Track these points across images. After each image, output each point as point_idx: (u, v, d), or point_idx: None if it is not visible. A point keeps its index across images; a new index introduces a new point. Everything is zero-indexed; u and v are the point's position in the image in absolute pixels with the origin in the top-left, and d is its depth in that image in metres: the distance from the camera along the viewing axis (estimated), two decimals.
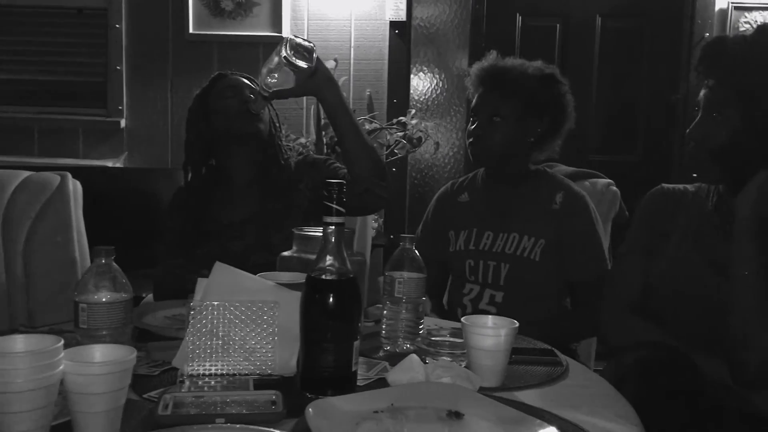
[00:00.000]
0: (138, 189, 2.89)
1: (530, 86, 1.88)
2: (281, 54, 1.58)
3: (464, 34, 3.47)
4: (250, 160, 1.96)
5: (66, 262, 2.17)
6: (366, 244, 2.26)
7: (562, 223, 1.85)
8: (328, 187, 1.11)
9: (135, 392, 1.05)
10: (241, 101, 1.90)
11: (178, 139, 3.34)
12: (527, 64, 1.92)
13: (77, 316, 1.14)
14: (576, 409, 1.08)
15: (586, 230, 1.86)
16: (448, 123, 3.47)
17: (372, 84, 3.29)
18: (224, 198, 1.94)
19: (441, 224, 2.00)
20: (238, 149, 1.95)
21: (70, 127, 3.36)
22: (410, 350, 1.32)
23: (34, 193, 2.18)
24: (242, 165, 1.96)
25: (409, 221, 3.28)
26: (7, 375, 0.84)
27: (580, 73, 3.72)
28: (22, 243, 2.16)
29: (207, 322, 1.18)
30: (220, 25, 3.26)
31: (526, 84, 1.88)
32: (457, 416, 1.01)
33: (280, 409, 1.01)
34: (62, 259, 2.17)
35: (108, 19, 3.31)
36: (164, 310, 1.54)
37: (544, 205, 1.88)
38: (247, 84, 1.95)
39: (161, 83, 3.34)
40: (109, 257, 1.17)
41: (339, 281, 1.10)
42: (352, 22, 3.27)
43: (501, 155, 1.90)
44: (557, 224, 1.85)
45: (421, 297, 1.39)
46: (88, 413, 0.91)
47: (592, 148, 3.76)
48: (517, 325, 1.20)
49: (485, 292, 1.89)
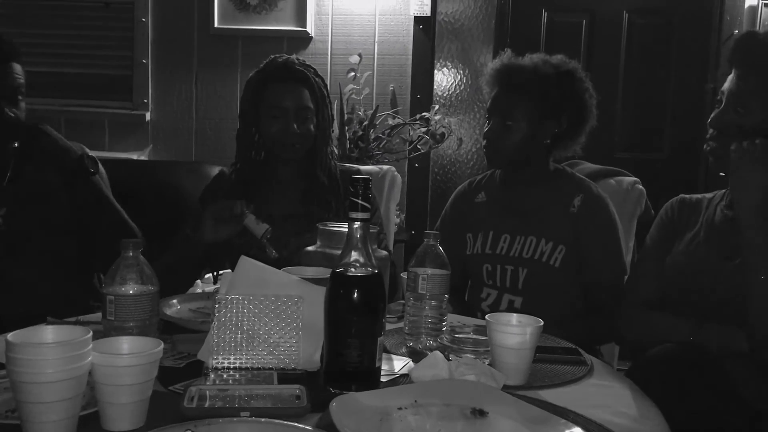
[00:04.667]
0: (162, 182, 2.90)
1: (544, 86, 1.82)
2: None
3: (489, 29, 3.45)
4: (296, 164, 1.93)
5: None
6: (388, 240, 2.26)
7: (581, 228, 1.81)
8: (353, 183, 1.11)
9: (161, 384, 1.06)
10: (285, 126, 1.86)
11: (202, 133, 3.37)
12: (544, 62, 1.87)
13: (105, 308, 1.16)
14: (601, 409, 1.07)
15: (604, 235, 1.83)
16: (472, 119, 3.45)
17: (395, 79, 3.28)
18: (266, 192, 1.92)
19: (458, 225, 1.98)
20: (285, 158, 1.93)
21: (96, 119, 3.40)
22: (433, 347, 1.32)
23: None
24: (287, 166, 1.93)
25: (430, 217, 3.27)
26: (37, 365, 0.85)
27: (606, 70, 3.68)
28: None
29: (232, 316, 1.18)
30: (245, 19, 3.27)
31: (540, 84, 1.82)
32: (481, 414, 1.01)
33: (304, 403, 1.01)
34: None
35: (135, 13, 3.33)
36: (188, 302, 1.56)
37: (562, 208, 1.84)
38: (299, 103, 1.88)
39: (186, 77, 3.36)
40: (137, 250, 1.18)
41: (364, 277, 1.10)
42: (376, 17, 3.26)
43: (514, 159, 1.87)
44: (575, 228, 1.82)
45: (445, 294, 1.39)
46: (116, 404, 0.92)
47: (618, 145, 3.72)
48: (542, 324, 1.19)
49: (503, 297, 1.87)
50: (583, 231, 1.81)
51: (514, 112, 1.83)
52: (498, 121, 1.85)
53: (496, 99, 1.88)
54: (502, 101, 1.86)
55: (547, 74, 1.84)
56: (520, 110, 1.83)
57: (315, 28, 3.27)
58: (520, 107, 1.83)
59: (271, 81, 1.89)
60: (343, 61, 3.19)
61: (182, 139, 3.39)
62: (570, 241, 1.81)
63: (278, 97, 1.87)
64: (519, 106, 1.83)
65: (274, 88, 1.88)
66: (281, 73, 1.89)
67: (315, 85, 1.91)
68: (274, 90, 1.88)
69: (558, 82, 1.84)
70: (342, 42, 3.28)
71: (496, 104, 1.87)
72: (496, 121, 1.86)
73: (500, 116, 1.85)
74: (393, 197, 2.33)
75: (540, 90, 1.82)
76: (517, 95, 1.83)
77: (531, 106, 1.83)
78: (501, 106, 1.86)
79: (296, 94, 1.87)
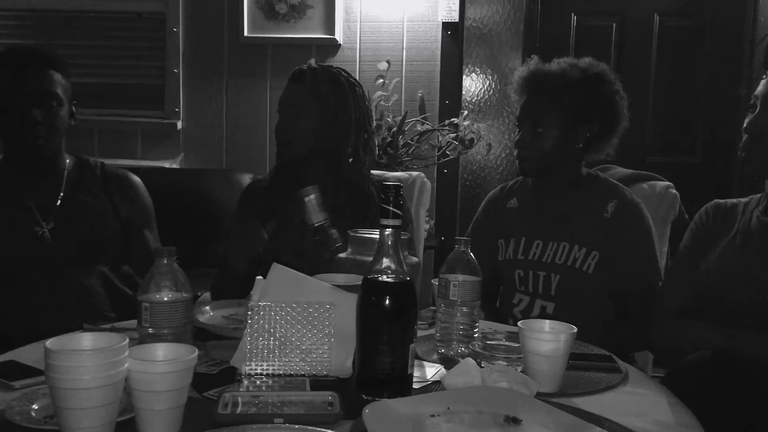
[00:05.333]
0: (193, 189, 2.94)
1: (573, 92, 1.81)
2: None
3: (518, 34, 3.44)
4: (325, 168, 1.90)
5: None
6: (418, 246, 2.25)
7: (614, 234, 1.79)
8: (385, 190, 1.11)
9: (195, 390, 1.07)
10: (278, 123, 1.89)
11: (232, 140, 3.40)
12: (572, 66, 1.85)
13: (140, 315, 1.17)
14: (637, 417, 1.06)
15: (639, 241, 1.81)
16: (501, 124, 3.43)
17: (424, 85, 3.27)
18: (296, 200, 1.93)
19: (490, 231, 1.97)
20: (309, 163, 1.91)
21: (129, 128, 3.45)
22: (465, 354, 1.31)
23: None
24: (317, 172, 1.88)
25: (460, 223, 3.26)
26: (75, 372, 0.87)
27: (636, 74, 3.64)
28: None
29: (264, 323, 1.20)
30: (274, 27, 3.30)
31: (569, 90, 1.81)
32: (514, 422, 1.00)
33: (337, 410, 1.01)
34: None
35: (166, 23, 3.38)
36: (221, 309, 1.57)
37: (595, 214, 1.82)
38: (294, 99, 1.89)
39: (216, 85, 3.40)
40: (171, 258, 1.19)
41: (396, 283, 1.10)
42: (404, 24, 3.27)
43: (547, 166, 1.86)
44: (609, 234, 1.79)
45: (477, 300, 1.38)
46: (152, 410, 0.93)
47: (649, 149, 3.67)
48: (576, 331, 1.18)
49: (536, 302, 1.85)
50: (617, 237, 1.79)
51: (544, 119, 1.82)
52: (528, 129, 1.84)
53: (525, 107, 1.87)
54: (532, 108, 1.85)
55: (576, 78, 1.83)
56: (550, 116, 1.82)
57: (343, 36, 3.28)
58: (550, 113, 1.82)
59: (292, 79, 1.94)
60: (372, 68, 3.20)
61: (213, 147, 3.42)
62: (603, 247, 1.79)
63: (282, 95, 1.92)
64: (549, 113, 1.82)
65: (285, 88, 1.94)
66: (294, 73, 1.93)
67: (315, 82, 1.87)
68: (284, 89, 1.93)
69: (587, 86, 1.83)
70: (370, 49, 3.28)
71: (526, 112, 1.86)
72: (527, 129, 1.84)
73: (530, 124, 1.84)
74: (423, 203, 2.32)
75: (569, 95, 1.81)
76: (547, 102, 1.82)
77: (561, 112, 1.81)
78: (531, 114, 1.85)
79: (290, 91, 1.90)
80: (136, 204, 2.03)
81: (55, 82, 1.87)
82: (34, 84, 1.84)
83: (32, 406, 1.01)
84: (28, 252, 1.83)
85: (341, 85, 1.90)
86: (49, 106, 1.85)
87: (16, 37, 3.47)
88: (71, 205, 1.91)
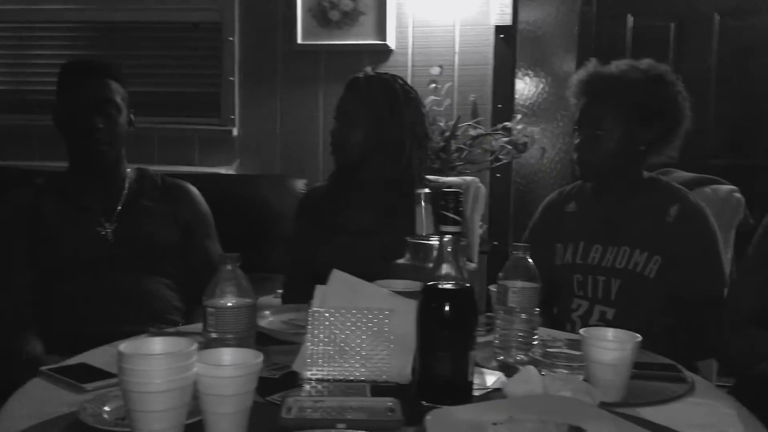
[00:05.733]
0: (249, 195, 2.98)
1: (634, 93, 1.78)
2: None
3: (572, 36, 3.39)
4: (383, 173, 1.94)
5: None
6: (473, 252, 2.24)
7: (678, 238, 1.75)
8: (444, 197, 1.11)
9: (258, 394, 1.09)
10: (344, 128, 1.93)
11: (286, 147, 3.44)
12: (631, 68, 1.82)
13: (206, 320, 1.20)
14: (705, 429, 1.04)
15: (703, 246, 1.76)
16: (555, 128, 3.39)
17: (476, 89, 3.25)
18: (355, 204, 1.96)
19: (547, 235, 1.95)
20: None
21: (186, 135, 3.52)
22: (524, 361, 1.30)
23: None
24: (375, 177, 1.95)
25: (513, 228, 3.23)
26: (146, 375, 0.89)
27: (696, 75, 3.53)
28: None
29: (324, 328, 1.21)
30: (327, 35, 3.33)
31: (630, 92, 1.78)
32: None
33: (398, 416, 1.02)
34: None
35: (222, 33, 3.44)
36: (280, 314, 1.59)
37: (657, 218, 1.79)
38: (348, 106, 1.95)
39: (271, 93, 3.44)
40: (235, 264, 1.22)
41: (457, 290, 1.10)
42: (456, 28, 3.26)
43: (608, 170, 1.83)
44: (672, 239, 1.76)
45: (535, 307, 1.36)
46: (219, 414, 0.95)
47: (711, 152, 3.57)
48: (640, 339, 1.15)
49: (595, 308, 1.82)
50: (681, 241, 1.75)
51: (604, 123, 1.79)
52: (589, 133, 1.81)
53: (585, 110, 1.84)
54: (593, 111, 1.82)
55: (636, 80, 1.80)
56: (611, 120, 1.79)
57: (395, 41, 3.29)
58: (611, 116, 1.79)
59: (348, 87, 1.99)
60: (424, 73, 3.20)
61: (267, 153, 3.47)
62: (666, 252, 1.75)
63: (339, 102, 1.97)
64: (609, 116, 1.79)
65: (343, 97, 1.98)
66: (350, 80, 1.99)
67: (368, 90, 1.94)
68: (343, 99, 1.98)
69: (648, 87, 1.80)
70: (422, 54, 3.29)
71: (586, 115, 1.83)
72: (587, 132, 1.82)
73: (590, 127, 1.81)
74: (477, 209, 2.32)
75: (630, 97, 1.78)
76: (607, 104, 1.80)
77: (622, 115, 1.78)
78: (591, 117, 1.82)
79: (345, 99, 1.96)
80: (194, 212, 2.09)
81: (113, 90, 1.96)
82: (94, 93, 1.93)
83: (104, 408, 1.04)
84: (91, 252, 1.91)
85: (395, 92, 1.94)
86: (108, 114, 1.93)
87: (76, 49, 3.57)
88: (132, 208, 1.99)
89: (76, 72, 1.99)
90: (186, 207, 2.07)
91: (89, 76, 1.96)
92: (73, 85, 1.95)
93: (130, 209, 1.99)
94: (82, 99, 1.92)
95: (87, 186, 1.99)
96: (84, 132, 1.91)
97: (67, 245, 1.90)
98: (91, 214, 1.95)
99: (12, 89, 3.65)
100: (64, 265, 1.88)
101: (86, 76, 1.96)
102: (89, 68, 1.99)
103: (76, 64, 2.10)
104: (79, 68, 2.01)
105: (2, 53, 3.65)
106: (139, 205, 2.01)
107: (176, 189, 2.10)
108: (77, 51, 3.56)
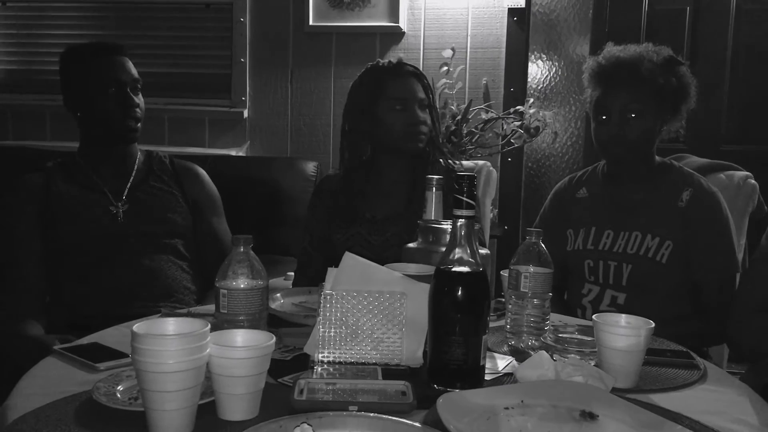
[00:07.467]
0: (259, 176, 2.98)
1: (657, 75, 1.78)
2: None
3: (586, 19, 3.35)
4: (405, 163, 1.96)
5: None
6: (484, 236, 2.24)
7: (690, 223, 1.74)
8: (458, 180, 1.10)
9: (270, 376, 1.09)
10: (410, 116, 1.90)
11: (297, 129, 3.43)
12: (647, 51, 1.82)
13: (218, 302, 1.20)
14: (717, 416, 1.03)
15: (716, 231, 1.75)
16: (567, 112, 3.36)
17: (489, 72, 3.23)
18: (372, 192, 1.96)
19: (559, 221, 1.94)
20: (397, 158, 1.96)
21: (197, 117, 3.52)
22: (536, 346, 1.30)
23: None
24: (396, 166, 1.96)
25: (524, 212, 3.22)
26: (160, 356, 0.89)
27: (711, 59, 3.50)
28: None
29: (336, 311, 1.21)
30: (338, 16, 3.31)
31: (654, 73, 1.78)
32: (591, 417, 0.99)
33: (410, 399, 1.02)
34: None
35: (233, 13, 3.43)
36: (291, 296, 1.59)
37: (669, 203, 1.78)
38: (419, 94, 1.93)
39: (282, 74, 3.43)
40: (248, 246, 1.22)
41: (470, 274, 1.10)
42: (469, 10, 3.22)
43: (641, 154, 1.82)
44: (684, 224, 1.75)
45: (548, 292, 1.36)
46: (231, 395, 0.95)
47: (725, 137, 3.53)
48: (653, 325, 1.15)
49: (606, 293, 1.82)
50: (693, 227, 1.74)
51: (633, 105, 1.77)
52: (619, 117, 1.79)
53: (610, 94, 1.81)
54: (620, 96, 1.79)
55: (656, 62, 1.79)
56: (641, 101, 1.78)
57: (408, 24, 3.27)
58: (641, 98, 1.78)
59: (390, 76, 1.92)
60: (436, 56, 3.17)
61: (278, 135, 3.46)
62: (678, 237, 1.74)
63: (400, 90, 1.91)
64: (639, 98, 1.78)
65: (393, 83, 1.91)
66: (397, 69, 1.94)
67: (426, 80, 1.96)
68: (394, 84, 1.91)
69: (668, 69, 1.80)
70: (434, 36, 3.26)
71: (613, 100, 1.80)
72: (616, 117, 1.79)
73: (620, 111, 1.78)
74: (488, 193, 2.31)
75: (654, 79, 1.77)
76: (635, 87, 1.78)
77: (650, 96, 1.78)
78: (619, 101, 1.79)
79: (414, 86, 1.92)
80: (202, 192, 2.10)
81: (134, 71, 1.99)
82: (125, 71, 1.96)
83: (117, 387, 1.05)
84: (103, 231, 1.92)
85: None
86: (137, 92, 1.98)
87: (88, 29, 3.56)
88: (142, 188, 2.01)
89: (104, 51, 1.98)
90: (194, 187, 2.08)
91: (116, 56, 1.97)
92: (104, 64, 1.94)
93: (141, 189, 2.01)
94: (117, 76, 1.93)
95: (99, 167, 2.00)
96: (122, 110, 1.93)
97: (79, 225, 1.91)
98: (103, 194, 1.97)
99: (24, 68, 3.65)
100: (76, 245, 1.89)
101: (113, 55, 1.97)
102: (112, 49, 1.99)
103: (98, 44, 2.08)
104: (102, 49, 2.00)
105: (15, 33, 3.64)
106: (149, 185, 2.02)
107: (184, 170, 2.11)
108: (89, 31, 3.55)
